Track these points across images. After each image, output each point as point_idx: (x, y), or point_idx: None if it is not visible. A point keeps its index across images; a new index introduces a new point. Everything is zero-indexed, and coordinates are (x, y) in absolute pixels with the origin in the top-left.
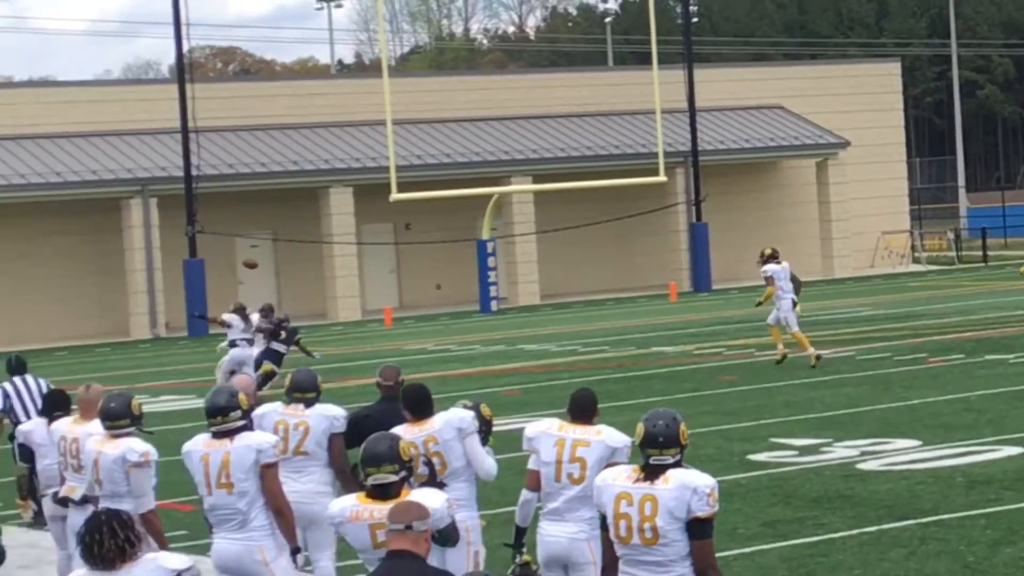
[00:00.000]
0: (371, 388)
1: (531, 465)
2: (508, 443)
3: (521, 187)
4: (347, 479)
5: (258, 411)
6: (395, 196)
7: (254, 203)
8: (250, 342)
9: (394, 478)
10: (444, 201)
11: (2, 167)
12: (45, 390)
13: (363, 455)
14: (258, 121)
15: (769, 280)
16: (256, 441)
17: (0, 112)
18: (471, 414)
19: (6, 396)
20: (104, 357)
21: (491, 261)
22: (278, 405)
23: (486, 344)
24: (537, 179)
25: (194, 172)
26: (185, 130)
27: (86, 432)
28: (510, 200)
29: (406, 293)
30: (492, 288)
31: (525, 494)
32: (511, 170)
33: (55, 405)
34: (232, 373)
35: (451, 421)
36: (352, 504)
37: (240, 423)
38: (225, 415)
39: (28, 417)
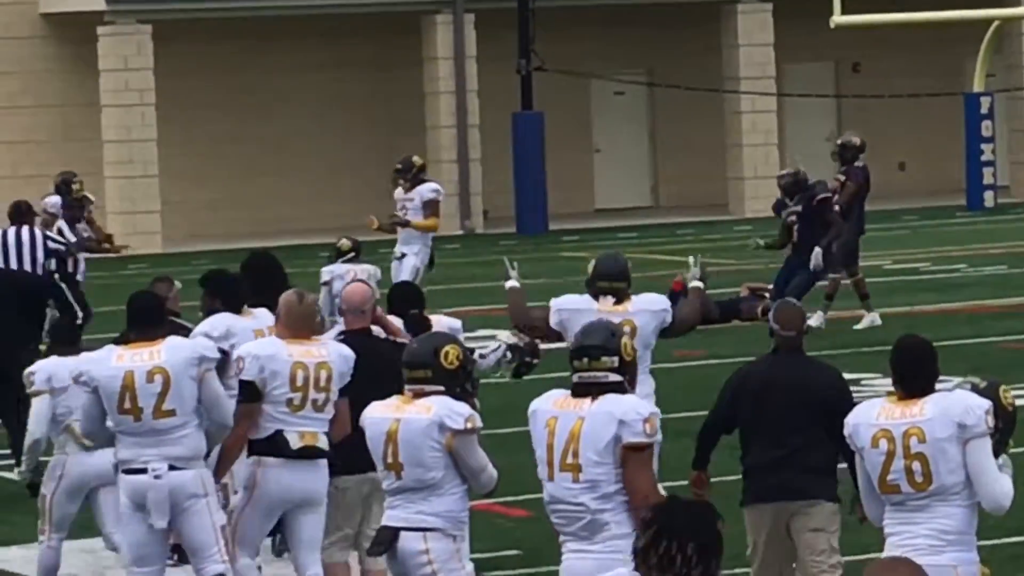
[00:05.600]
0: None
1: None
2: None
3: None
4: None
5: None
6: (839, 19)
7: (620, 25)
8: None
9: None
10: (911, 29)
11: None
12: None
13: None
14: None
15: None
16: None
17: None
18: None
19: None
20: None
21: (985, 127)
22: None
23: (976, 262)
24: None
25: None
26: None
27: None
28: (1018, 30)
29: None
30: (987, 171)
31: None
32: None
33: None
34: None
35: (949, 411)
36: None
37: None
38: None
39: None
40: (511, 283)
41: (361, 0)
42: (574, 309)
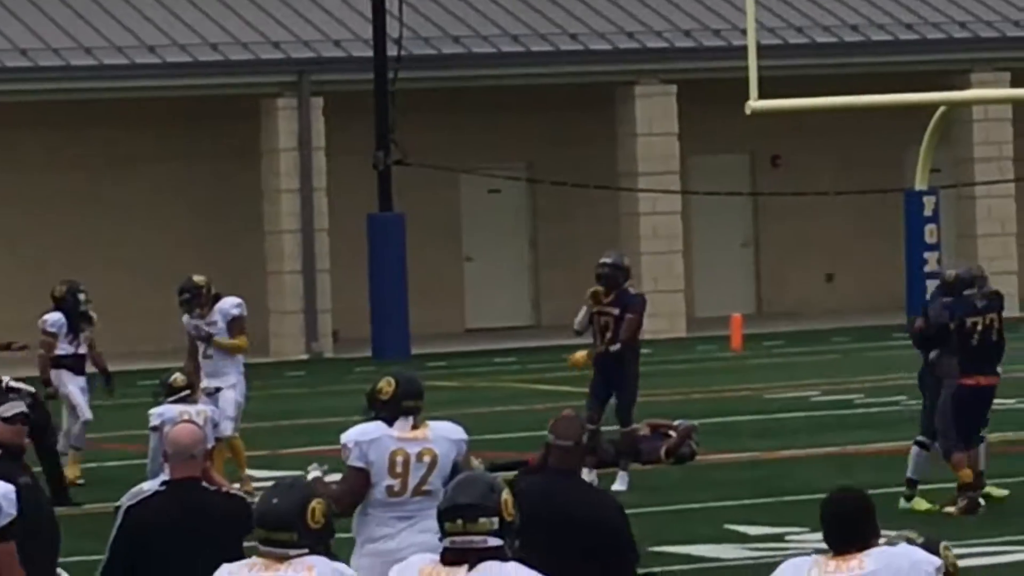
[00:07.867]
0: None
1: None
2: None
3: (989, 92)
4: None
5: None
6: (755, 104)
7: (495, 111)
8: None
9: None
10: (841, 116)
11: (48, 31)
12: None
13: None
14: None
15: None
16: None
17: None
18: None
19: None
20: None
21: (929, 231)
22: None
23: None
24: (1019, 76)
25: (391, 51)
26: None
27: None
28: (968, 117)
29: (769, 288)
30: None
31: None
32: (968, 59)
33: None
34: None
35: (894, 566)
36: None
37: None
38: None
39: None
40: (313, 474)
41: (187, 81)
42: (371, 439)
